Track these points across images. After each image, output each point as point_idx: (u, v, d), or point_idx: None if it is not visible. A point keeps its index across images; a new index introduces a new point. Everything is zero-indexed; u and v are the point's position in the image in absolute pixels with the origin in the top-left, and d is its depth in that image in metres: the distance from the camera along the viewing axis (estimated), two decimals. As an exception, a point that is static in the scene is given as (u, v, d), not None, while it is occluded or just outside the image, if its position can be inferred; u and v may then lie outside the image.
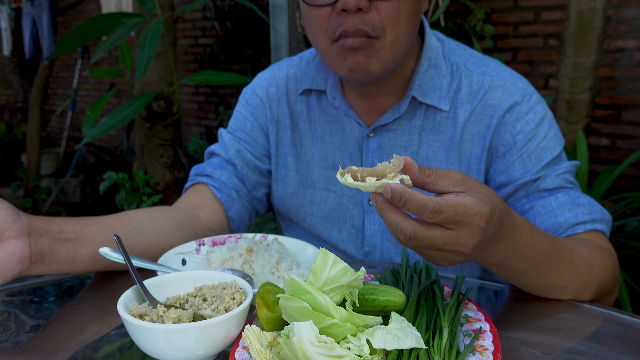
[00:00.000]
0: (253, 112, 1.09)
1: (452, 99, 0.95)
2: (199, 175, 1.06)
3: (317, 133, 1.05)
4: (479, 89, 0.95)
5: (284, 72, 1.09)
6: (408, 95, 0.94)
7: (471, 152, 0.95)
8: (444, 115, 0.96)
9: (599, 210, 0.88)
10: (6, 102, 7.27)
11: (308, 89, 1.04)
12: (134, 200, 2.48)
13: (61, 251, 0.75)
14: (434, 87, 0.95)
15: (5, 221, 0.67)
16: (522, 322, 0.71)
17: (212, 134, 4.14)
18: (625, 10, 2.54)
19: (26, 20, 5.42)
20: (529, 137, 0.91)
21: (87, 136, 2.05)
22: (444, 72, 0.96)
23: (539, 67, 2.84)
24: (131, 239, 0.84)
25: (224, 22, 4.20)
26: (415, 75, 0.94)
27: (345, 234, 1.05)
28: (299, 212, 1.08)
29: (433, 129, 0.97)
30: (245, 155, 1.06)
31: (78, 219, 0.80)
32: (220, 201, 1.03)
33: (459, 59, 0.98)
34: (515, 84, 0.94)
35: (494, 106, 0.93)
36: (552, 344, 0.66)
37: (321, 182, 1.05)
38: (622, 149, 2.66)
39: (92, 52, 5.94)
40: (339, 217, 1.05)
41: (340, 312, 0.56)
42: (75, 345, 0.65)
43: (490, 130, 0.93)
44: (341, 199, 1.04)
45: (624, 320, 0.73)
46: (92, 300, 0.79)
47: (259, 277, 0.78)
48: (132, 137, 4.88)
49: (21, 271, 0.69)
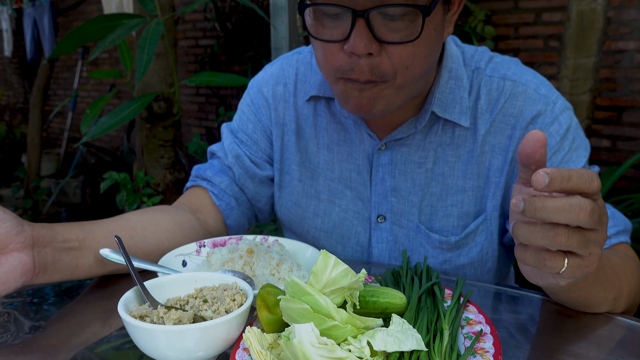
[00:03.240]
0: (257, 112, 1.03)
1: (472, 109, 0.90)
2: (199, 178, 1.04)
3: (323, 141, 0.99)
4: (499, 96, 0.89)
5: (294, 69, 1.02)
6: (427, 110, 0.88)
7: (491, 163, 0.90)
8: (463, 129, 0.90)
9: (622, 222, 0.87)
10: (7, 103, 7.28)
11: (316, 96, 0.98)
12: (134, 201, 2.47)
13: (64, 261, 0.74)
14: (454, 100, 0.89)
15: (9, 233, 0.66)
16: (523, 324, 0.71)
17: (212, 135, 4.14)
18: (625, 11, 2.54)
19: (27, 21, 5.42)
20: (554, 150, 0.87)
21: (86, 135, 2.05)
22: (465, 84, 0.89)
23: (539, 69, 2.84)
24: (133, 245, 0.84)
25: (225, 23, 4.21)
26: (434, 87, 0.88)
27: (349, 251, 1.00)
28: (302, 224, 1.03)
29: (451, 143, 0.91)
30: (244, 162, 1.02)
31: (81, 225, 0.79)
32: (219, 209, 1.02)
33: (479, 63, 0.92)
34: (538, 90, 0.88)
35: (515, 115, 0.88)
36: (552, 346, 0.65)
37: (326, 193, 1.00)
38: (622, 151, 2.66)
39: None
40: (344, 233, 0.99)
41: (341, 314, 0.56)
42: (76, 346, 0.65)
43: (512, 142, 0.88)
44: (346, 214, 0.98)
45: (625, 324, 0.73)
46: (93, 301, 0.79)
47: (259, 279, 0.78)
48: (132, 138, 4.88)
49: (24, 283, 0.69)
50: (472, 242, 0.93)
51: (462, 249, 0.93)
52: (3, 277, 0.66)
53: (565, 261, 0.54)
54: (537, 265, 0.55)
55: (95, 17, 2.10)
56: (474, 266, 0.95)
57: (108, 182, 2.51)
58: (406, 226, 0.95)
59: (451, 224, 0.93)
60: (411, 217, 0.94)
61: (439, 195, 0.92)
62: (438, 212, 0.93)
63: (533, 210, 0.52)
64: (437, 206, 0.93)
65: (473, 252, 0.93)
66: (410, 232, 0.95)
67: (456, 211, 0.92)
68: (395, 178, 0.94)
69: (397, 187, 0.94)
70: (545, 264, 0.54)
